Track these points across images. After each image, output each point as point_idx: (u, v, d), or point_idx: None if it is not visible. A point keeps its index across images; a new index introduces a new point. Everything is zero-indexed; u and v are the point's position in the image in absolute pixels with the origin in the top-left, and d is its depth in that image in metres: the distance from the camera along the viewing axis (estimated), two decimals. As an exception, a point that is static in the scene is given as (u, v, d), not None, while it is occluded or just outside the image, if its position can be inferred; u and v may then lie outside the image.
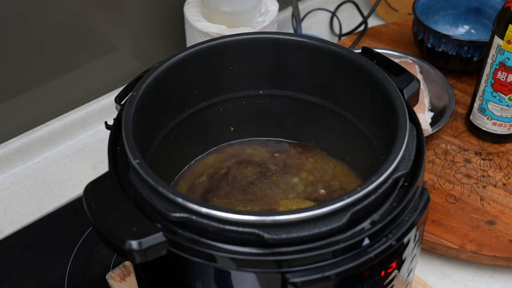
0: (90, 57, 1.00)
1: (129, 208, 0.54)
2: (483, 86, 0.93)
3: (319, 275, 0.52)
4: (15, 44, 0.90)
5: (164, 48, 1.08)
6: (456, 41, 1.02)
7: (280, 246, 0.52)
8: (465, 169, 0.93)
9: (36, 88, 0.96)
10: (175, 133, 0.72)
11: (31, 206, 0.93)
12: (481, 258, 0.82)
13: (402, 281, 0.60)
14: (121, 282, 0.79)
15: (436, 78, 1.03)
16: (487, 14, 1.11)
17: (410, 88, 0.65)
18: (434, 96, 1.02)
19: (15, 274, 0.83)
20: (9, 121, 0.95)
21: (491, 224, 0.85)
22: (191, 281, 0.57)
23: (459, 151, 0.96)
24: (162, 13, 1.05)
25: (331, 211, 0.52)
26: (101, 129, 1.03)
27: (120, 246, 0.50)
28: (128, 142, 0.58)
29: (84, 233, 0.87)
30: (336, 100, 0.72)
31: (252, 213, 0.52)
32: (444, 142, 0.98)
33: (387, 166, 0.55)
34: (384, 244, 0.54)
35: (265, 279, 0.53)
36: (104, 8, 0.97)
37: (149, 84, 0.65)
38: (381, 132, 0.66)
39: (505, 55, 0.87)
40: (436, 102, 1.01)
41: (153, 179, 0.54)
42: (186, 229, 0.53)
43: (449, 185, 0.91)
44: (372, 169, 0.59)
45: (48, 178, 0.97)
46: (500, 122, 0.94)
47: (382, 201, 0.56)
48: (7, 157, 0.96)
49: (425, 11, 1.10)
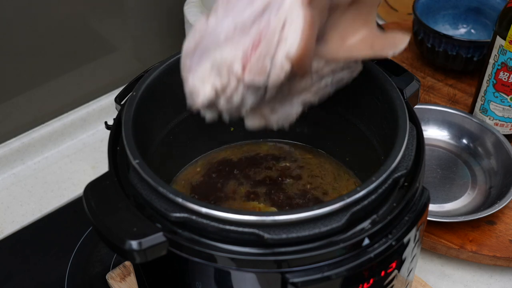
0: (90, 57, 1.00)
1: (129, 208, 0.54)
2: (485, 86, 0.93)
3: (319, 275, 0.52)
4: (15, 44, 0.90)
5: (164, 48, 1.08)
6: (456, 41, 1.02)
7: (280, 246, 0.52)
8: (465, 169, 0.93)
9: (36, 88, 0.96)
10: (175, 133, 0.72)
11: (31, 206, 0.93)
12: (481, 258, 0.82)
13: (402, 281, 0.60)
14: (121, 282, 0.79)
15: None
16: (487, 14, 1.11)
17: (410, 88, 0.65)
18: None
19: (15, 274, 0.83)
20: (9, 121, 0.95)
21: (491, 224, 0.85)
22: (191, 281, 0.57)
23: (459, 151, 0.96)
24: (162, 13, 1.05)
25: (331, 211, 0.52)
26: (101, 129, 1.03)
27: (120, 246, 0.50)
28: (128, 142, 0.58)
29: (84, 233, 0.87)
30: (336, 100, 0.72)
31: (252, 213, 0.52)
32: (444, 142, 0.98)
33: (387, 166, 0.55)
34: (384, 244, 0.54)
35: (265, 279, 0.53)
36: (104, 8, 0.97)
37: (149, 84, 0.65)
38: (381, 132, 0.66)
39: (507, 55, 0.87)
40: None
41: (153, 179, 0.54)
42: (186, 229, 0.53)
43: (449, 185, 0.91)
44: (372, 169, 0.59)
45: (48, 178, 0.97)
46: (502, 123, 0.94)
47: (382, 201, 0.56)
48: (7, 157, 0.96)
49: (425, 11, 1.10)
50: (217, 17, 0.51)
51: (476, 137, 0.94)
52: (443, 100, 1.05)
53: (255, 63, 0.50)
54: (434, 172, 0.91)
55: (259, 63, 0.50)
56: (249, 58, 0.50)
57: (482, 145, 0.94)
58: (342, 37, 0.56)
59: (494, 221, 0.85)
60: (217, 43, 0.51)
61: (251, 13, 0.50)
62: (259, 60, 0.50)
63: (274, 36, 0.50)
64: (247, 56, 0.50)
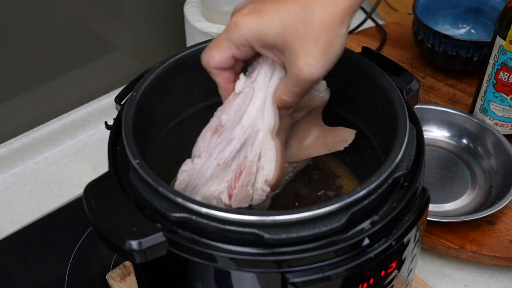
0: (90, 57, 1.00)
1: (129, 208, 0.54)
2: (485, 86, 0.93)
3: (319, 275, 0.52)
4: (15, 44, 0.90)
5: (164, 48, 1.08)
6: (456, 41, 1.02)
7: (280, 246, 0.52)
8: (465, 169, 0.93)
9: (36, 88, 0.96)
10: (175, 133, 0.72)
11: (31, 206, 0.93)
12: (481, 258, 0.82)
13: (402, 281, 0.60)
14: (121, 282, 0.79)
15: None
16: (487, 14, 1.11)
17: (410, 88, 0.65)
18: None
19: (15, 274, 0.83)
20: (9, 121, 0.95)
21: (491, 224, 0.85)
22: (191, 281, 0.57)
23: (459, 151, 0.96)
24: (162, 13, 1.05)
25: (330, 211, 0.52)
26: (101, 129, 1.03)
27: (120, 246, 0.50)
28: (128, 142, 0.58)
29: (84, 233, 0.87)
30: (336, 100, 0.72)
31: (252, 213, 0.52)
32: (444, 142, 0.98)
33: (386, 166, 0.55)
34: (384, 244, 0.54)
35: (265, 279, 0.53)
36: (104, 8, 0.98)
37: (149, 84, 0.65)
38: (381, 132, 0.66)
39: (507, 55, 0.87)
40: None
41: (153, 179, 0.54)
42: (186, 229, 0.53)
43: (449, 185, 0.91)
44: (372, 169, 0.59)
45: (48, 178, 0.97)
46: (502, 123, 0.94)
47: (382, 201, 0.56)
48: (7, 157, 0.96)
49: (425, 11, 1.10)
50: (201, 159, 0.60)
51: (476, 137, 0.94)
52: (443, 100, 1.05)
53: (239, 192, 0.59)
54: (434, 172, 0.91)
55: (243, 191, 0.59)
56: (233, 188, 0.59)
57: (482, 145, 0.94)
58: (299, 140, 0.66)
59: (494, 221, 0.85)
60: (205, 180, 0.60)
61: (231, 151, 0.59)
62: (242, 189, 0.59)
63: (252, 167, 0.59)
64: (232, 187, 0.59)
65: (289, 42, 0.53)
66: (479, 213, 0.82)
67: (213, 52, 0.56)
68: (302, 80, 0.54)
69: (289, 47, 0.53)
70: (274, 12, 0.52)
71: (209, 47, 0.57)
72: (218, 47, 0.56)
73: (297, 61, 0.53)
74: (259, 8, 0.53)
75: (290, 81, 0.55)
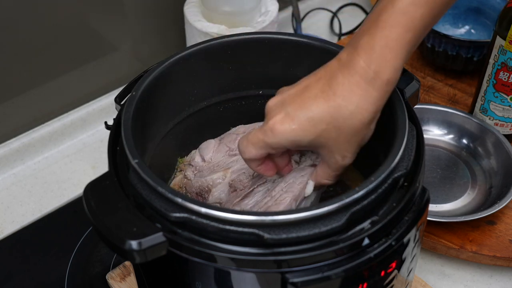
0: (90, 57, 1.00)
1: (129, 208, 0.54)
2: (485, 86, 0.93)
3: (319, 275, 0.52)
4: (15, 44, 0.90)
5: (164, 48, 1.08)
6: (456, 41, 1.02)
7: (280, 246, 0.52)
8: (465, 169, 0.93)
9: (36, 88, 0.96)
10: (175, 133, 0.72)
11: (31, 206, 0.93)
12: (481, 258, 0.82)
13: (402, 281, 0.60)
14: (121, 282, 0.79)
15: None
16: (487, 14, 1.11)
17: (410, 88, 0.65)
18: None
19: (15, 274, 0.83)
20: (9, 121, 0.95)
21: (491, 224, 0.85)
22: (191, 281, 0.57)
23: (459, 151, 0.96)
24: (162, 13, 1.05)
25: (330, 211, 0.52)
26: (101, 129, 1.03)
27: (120, 246, 0.50)
28: (128, 142, 0.58)
29: (84, 233, 0.87)
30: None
31: (251, 213, 0.52)
32: (444, 142, 0.98)
33: (386, 166, 0.55)
34: (384, 244, 0.54)
35: (265, 279, 0.53)
36: (104, 8, 0.97)
37: (149, 84, 0.65)
38: (381, 132, 0.66)
39: (507, 55, 0.87)
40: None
41: (153, 179, 0.54)
42: (186, 229, 0.53)
43: (449, 185, 0.91)
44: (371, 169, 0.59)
45: (48, 178, 0.97)
46: (502, 123, 0.94)
47: (382, 201, 0.56)
48: (7, 157, 0.96)
49: (425, 11, 1.10)
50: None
51: (476, 137, 0.94)
52: (443, 100, 1.05)
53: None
54: (434, 172, 0.91)
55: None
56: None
57: (482, 145, 0.93)
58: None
59: (494, 221, 0.85)
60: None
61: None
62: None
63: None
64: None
65: (324, 145, 0.58)
66: (479, 213, 0.82)
67: (250, 147, 0.60)
68: (340, 167, 0.60)
69: (323, 148, 0.59)
70: (307, 121, 0.56)
71: (247, 140, 0.60)
72: (255, 146, 0.59)
73: (332, 157, 0.59)
74: (292, 115, 0.57)
75: (328, 168, 0.61)
